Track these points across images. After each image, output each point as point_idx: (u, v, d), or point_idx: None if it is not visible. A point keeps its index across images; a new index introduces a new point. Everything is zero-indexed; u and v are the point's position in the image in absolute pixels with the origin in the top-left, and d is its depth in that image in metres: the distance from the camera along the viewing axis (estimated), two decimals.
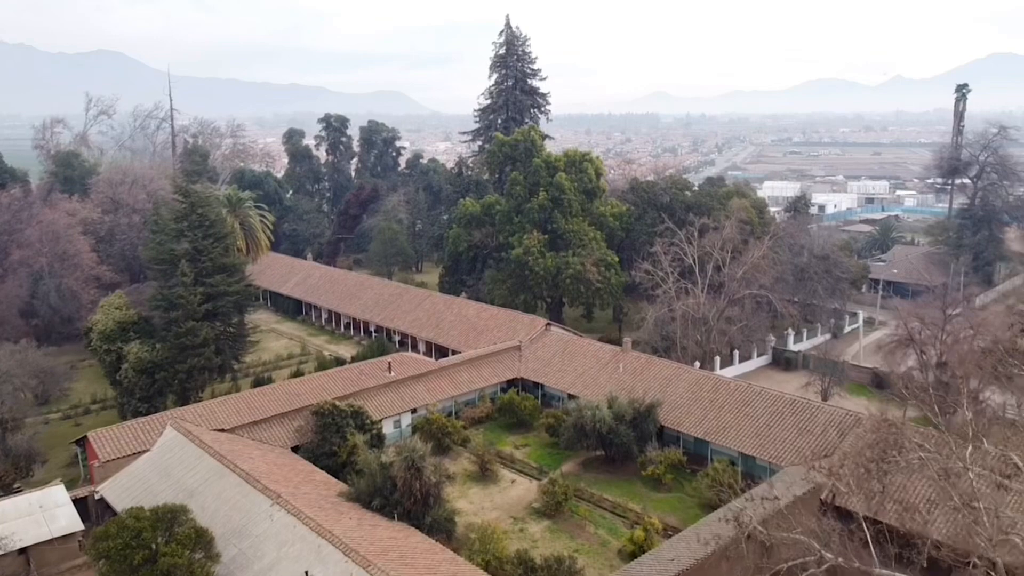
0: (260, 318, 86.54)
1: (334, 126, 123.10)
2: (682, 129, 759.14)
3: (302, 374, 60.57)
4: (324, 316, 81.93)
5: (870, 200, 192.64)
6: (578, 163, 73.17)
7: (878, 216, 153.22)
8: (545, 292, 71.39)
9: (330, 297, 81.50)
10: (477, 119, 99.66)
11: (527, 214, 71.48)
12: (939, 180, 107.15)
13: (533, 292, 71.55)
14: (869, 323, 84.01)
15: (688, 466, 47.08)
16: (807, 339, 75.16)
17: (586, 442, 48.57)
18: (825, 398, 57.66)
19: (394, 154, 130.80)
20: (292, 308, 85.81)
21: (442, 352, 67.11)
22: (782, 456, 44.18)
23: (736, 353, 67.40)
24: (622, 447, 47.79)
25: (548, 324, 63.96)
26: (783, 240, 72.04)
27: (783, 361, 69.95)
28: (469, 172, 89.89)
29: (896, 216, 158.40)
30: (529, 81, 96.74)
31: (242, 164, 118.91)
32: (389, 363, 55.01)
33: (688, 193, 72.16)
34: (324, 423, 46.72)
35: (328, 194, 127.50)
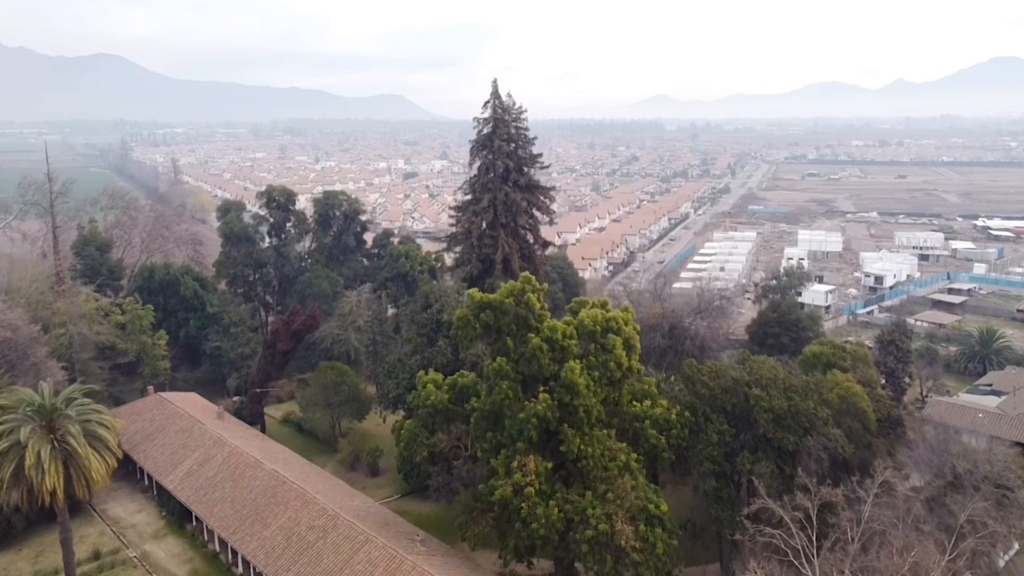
0: (135, 522, 60.25)
1: (277, 202, 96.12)
2: (688, 141, 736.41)
3: None
4: (219, 535, 55.23)
5: (924, 257, 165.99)
6: (599, 336, 46.04)
7: (952, 297, 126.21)
8: (549, 550, 44.75)
9: (227, 511, 54.75)
10: (453, 220, 71.98)
11: (519, 424, 44.65)
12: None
13: (528, 539, 44.92)
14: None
15: None
16: None
17: None
18: None
19: (358, 229, 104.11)
20: (180, 509, 59.18)
21: None
22: None
23: None
24: None
25: None
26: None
27: None
28: (439, 309, 61.48)
29: (970, 291, 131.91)
30: (525, 170, 68.78)
31: (157, 256, 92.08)
32: None
33: (775, 395, 43.92)
34: None
35: (274, 283, 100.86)
